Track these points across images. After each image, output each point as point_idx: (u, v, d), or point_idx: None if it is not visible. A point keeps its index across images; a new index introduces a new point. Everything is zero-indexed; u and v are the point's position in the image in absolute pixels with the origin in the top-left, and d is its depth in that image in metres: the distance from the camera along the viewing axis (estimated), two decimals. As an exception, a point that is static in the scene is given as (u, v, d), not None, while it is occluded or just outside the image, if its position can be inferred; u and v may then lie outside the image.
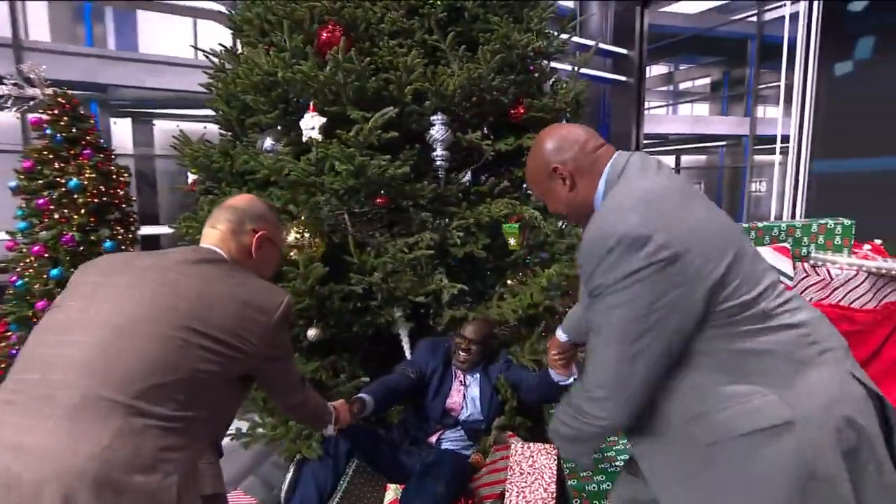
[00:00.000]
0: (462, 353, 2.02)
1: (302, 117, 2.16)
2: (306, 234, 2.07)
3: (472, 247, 2.20)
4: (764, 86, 8.68)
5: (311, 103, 2.15)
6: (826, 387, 0.85)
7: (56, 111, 2.50)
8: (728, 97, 11.93)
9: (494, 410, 2.07)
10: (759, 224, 2.59)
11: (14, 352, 2.39)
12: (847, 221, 2.58)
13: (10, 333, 2.43)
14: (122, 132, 5.74)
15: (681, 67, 13.20)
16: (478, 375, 2.09)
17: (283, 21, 2.21)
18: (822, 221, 2.57)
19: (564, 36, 2.57)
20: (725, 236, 0.91)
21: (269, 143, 2.36)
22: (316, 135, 2.11)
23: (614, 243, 0.86)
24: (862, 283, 2.10)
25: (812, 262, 2.45)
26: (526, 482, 1.64)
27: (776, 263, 2.26)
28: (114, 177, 2.62)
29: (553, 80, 2.67)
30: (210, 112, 2.67)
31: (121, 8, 5.11)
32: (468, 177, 2.40)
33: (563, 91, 2.53)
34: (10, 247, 2.51)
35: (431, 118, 2.20)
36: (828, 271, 2.32)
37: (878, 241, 2.68)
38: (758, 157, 8.76)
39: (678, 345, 0.88)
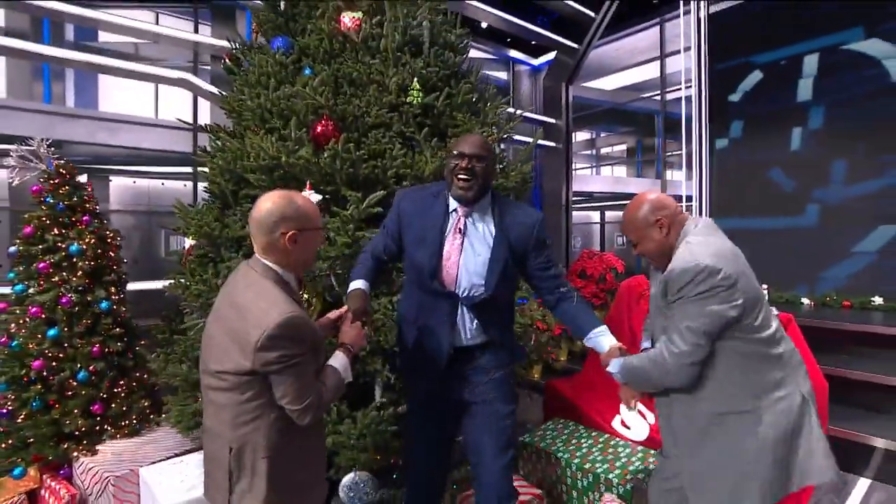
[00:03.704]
0: (464, 177, 1.55)
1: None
2: (305, 295, 2.40)
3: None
4: (670, 153, 10.04)
5: (308, 182, 2.54)
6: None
7: (57, 181, 2.70)
8: (641, 161, 13.54)
9: (503, 274, 1.63)
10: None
11: (5, 412, 2.46)
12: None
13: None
14: (76, 187, 5.72)
15: (601, 135, 14.95)
16: (480, 220, 1.65)
17: (283, 112, 2.62)
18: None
19: (511, 108, 3.13)
20: (756, 286, 1.47)
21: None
22: (313, 209, 2.49)
23: (702, 270, 1.39)
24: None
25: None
26: None
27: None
28: (108, 240, 2.81)
29: (504, 163, 3.20)
30: (163, 169, 2.94)
31: (82, 68, 5.25)
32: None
33: (514, 173, 3.07)
34: (3, 308, 2.60)
35: (409, 195, 2.65)
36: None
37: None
38: (668, 214, 9.96)
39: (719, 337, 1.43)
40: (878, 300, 4.78)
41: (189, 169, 5.92)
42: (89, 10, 4.75)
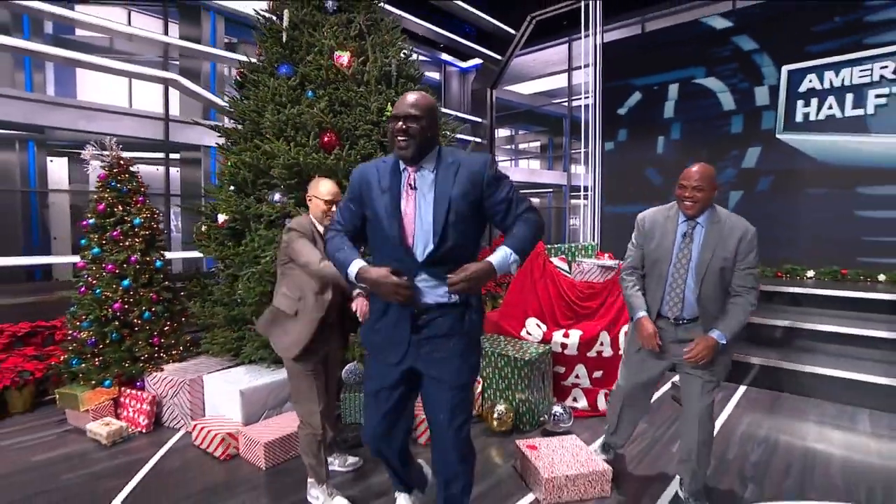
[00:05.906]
0: (401, 138, 1.53)
1: (305, 182, 3.60)
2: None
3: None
4: (574, 151, 11.81)
5: (316, 175, 3.60)
6: None
7: (117, 170, 3.54)
8: (552, 157, 15.45)
9: (453, 223, 1.55)
10: (556, 245, 4.69)
11: (92, 341, 3.32)
12: (593, 243, 4.80)
13: (83, 330, 3.36)
14: (58, 169, 6.18)
15: (519, 132, 16.75)
16: (430, 173, 1.59)
17: (295, 125, 3.66)
18: (584, 244, 4.75)
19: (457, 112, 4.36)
20: None
21: (277, 196, 3.73)
22: (322, 195, 3.56)
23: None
24: (594, 270, 4.21)
25: (576, 262, 4.55)
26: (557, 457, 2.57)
27: (560, 265, 4.30)
28: (155, 216, 3.70)
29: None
30: (137, 154, 3.83)
31: (61, 62, 5.72)
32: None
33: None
34: (82, 266, 3.43)
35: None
36: (580, 266, 4.41)
37: (607, 254, 4.93)
38: (573, 201, 11.86)
39: None
40: (709, 266, 6.63)
41: (161, 155, 6.54)
42: (67, 9, 5.31)
